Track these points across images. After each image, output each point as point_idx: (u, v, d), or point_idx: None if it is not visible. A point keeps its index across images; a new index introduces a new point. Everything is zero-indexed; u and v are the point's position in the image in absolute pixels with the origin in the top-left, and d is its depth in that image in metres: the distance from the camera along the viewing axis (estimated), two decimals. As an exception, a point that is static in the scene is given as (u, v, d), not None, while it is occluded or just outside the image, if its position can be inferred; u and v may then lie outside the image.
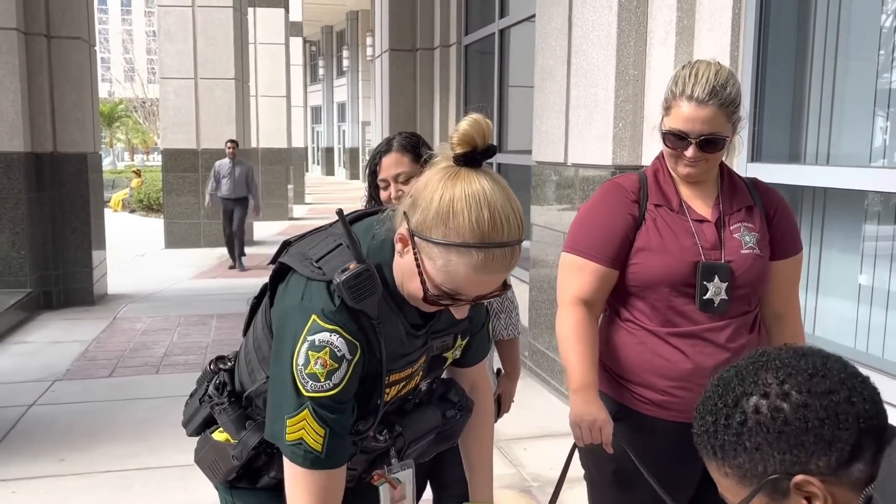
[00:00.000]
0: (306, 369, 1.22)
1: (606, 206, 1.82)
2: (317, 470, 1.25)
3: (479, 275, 1.16)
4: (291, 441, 1.24)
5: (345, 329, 1.22)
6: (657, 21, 3.73)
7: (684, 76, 1.72)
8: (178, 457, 3.62)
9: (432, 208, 1.15)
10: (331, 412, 1.24)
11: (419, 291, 1.21)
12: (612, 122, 3.89)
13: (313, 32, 32.35)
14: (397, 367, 1.32)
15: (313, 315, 1.22)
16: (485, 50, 7.25)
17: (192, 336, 6.05)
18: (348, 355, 1.22)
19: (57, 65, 7.07)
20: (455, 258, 1.15)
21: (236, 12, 11.65)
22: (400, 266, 1.25)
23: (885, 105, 2.92)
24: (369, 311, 1.24)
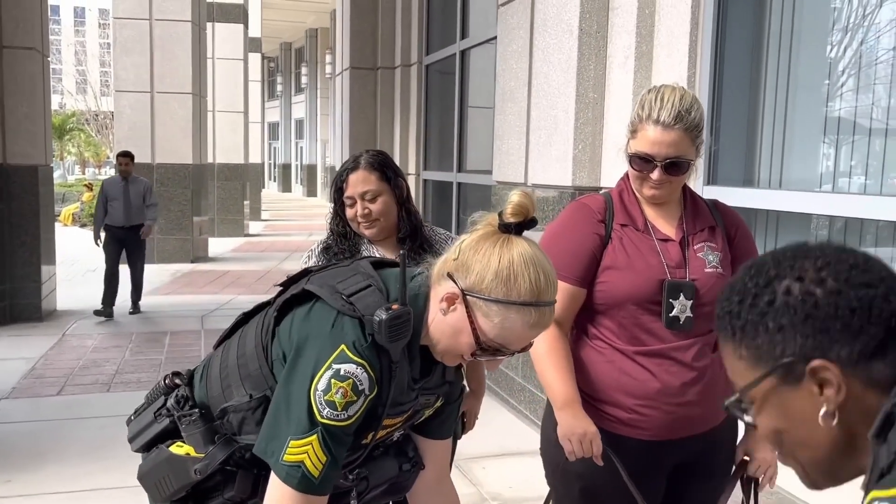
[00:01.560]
0: (325, 396, 1.26)
1: (573, 226, 1.84)
2: (305, 494, 1.27)
3: (531, 330, 1.28)
4: (290, 462, 1.26)
5: (371, 366, 1.27)
6: (616, 46, 3.81)
7: (650, 100, 1.76)
8: (131, 478, 3.53)
9: (490, 270, 1.25)
10: (337, 443, 1.28)
11: (467, 346, 1.30)
12: (571, 144, 3.95)
13: (272, 49, 32.21)
14: (392, 413, 1.36)
15: (343, 345, 1.27)
16: (445, 70, 7.31)
17: (144, 353, 5.93)
18: (367, 391, 1.27)
19: (9, 75, 6.92)
20: (514, 315, 1.26)
21: (195, 27, 11.55)
22: (442, 323, 1.32)
23: (834, 132, 3.03)
24: (394, 353, 1.30)
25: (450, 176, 7.03)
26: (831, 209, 2.91)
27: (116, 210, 7.34)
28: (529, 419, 4.43)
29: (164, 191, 11.21)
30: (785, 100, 3.22)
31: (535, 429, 4.35)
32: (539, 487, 3.61)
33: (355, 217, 2.06)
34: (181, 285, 9.34)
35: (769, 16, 3.32)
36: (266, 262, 11.40)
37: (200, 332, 6.69)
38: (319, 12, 24.31)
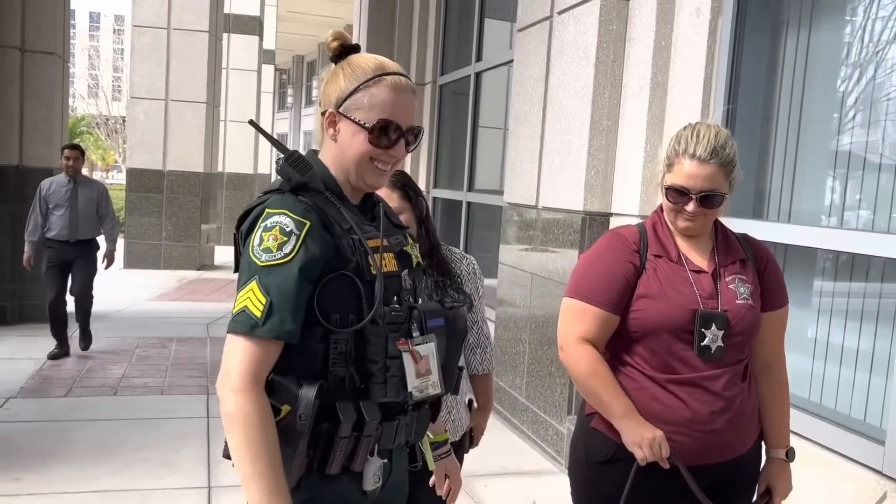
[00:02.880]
0: (260, 246, 1.38)
1: (609, 255, 1.90)
2: (253, 338, 1.34)
3: (398, 94, 1.46)
4: (236, 312, 1.36)
5: (291, 210, 1.39)
6: (632, 75, 3.88)
7: (686, 136, 1.85)
8: (137, 481, 3.58)
9: (341, 79, 1.47)
10: (279, 284, 1.35)
11: (363, 141, 1.45)
12: (584, 170, 4.01)
13: (284, 61, 32.45)
14: (369, 235, 1.46)
15: (266, 210, 1.42)
16: (459, 90, 7.39)
17: (151, 359, 5.97)
18: (296, 230, 1.38)
19: (29, 79, 7.02)
20: (374, 89, 1.45)
21: (211, 37, 11.68)
22: (335, 149, 1.49)
23: (843, 167, 3.08)
24: (316, 184, 1.45)
25: (460, 195, 7.10)
26: (838, 244, 2.96)
27: (60, 220, 5.77)
28: (532, 439, 4.46)
29: (173, 197, 11.31)
30: (797, 134, 3.28)
31: (536, 449, 4.39)
32: None
33: None
34: (187, 292, 9.40)
35: (783, 51, 3.39)
36: (271, 273, 11.44)
37: (206, 339, 6.74)
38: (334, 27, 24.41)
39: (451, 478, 1.95)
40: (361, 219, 1.49)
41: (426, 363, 1.46)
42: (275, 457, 1.33)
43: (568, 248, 4.15)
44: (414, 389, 1.43)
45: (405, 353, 1.42)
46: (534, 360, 4.48)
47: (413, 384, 1.43)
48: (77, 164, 5.94)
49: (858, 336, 2.93)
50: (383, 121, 1.44)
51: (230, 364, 1.35)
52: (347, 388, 1.41)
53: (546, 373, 4.32)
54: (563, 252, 4.21)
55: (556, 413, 4.21)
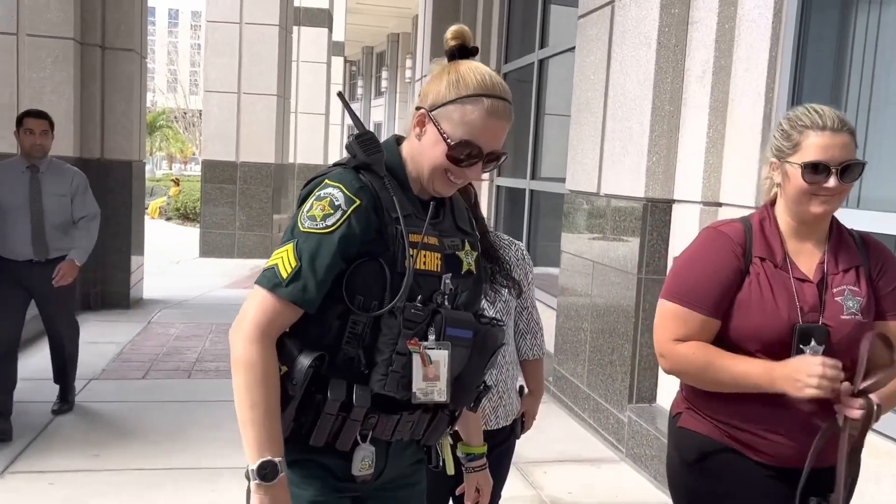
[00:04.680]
0: (308, 213, 1.42)
1: (710, 254, 1.75)
2: (274, 294, 1.38)
3: (490, 119, 1.43)
4: (267, 267, 1.40)
5: (346, 187, 1.42)
6: (695, 59, 3.81)
7: (805, 112, 1.73)
8: (208, 459, 3.73)
9: (443, 84, 1.44)
10: (313, 251, 1.38)
11: (441, 153, 1.44)
12: (645, 156, 3.96)
13: (354, 52, 32.85)
14: (413, 230, 1.44)
15: (325, 181, 1.45)
16: (523, 78, 7.36)
17: (222, 343, 6.18)
18: (344, 206, 1.40)
19: (109, 75, 7.33)
20: (470, 107, 1.42)
21: (282, 30, 11.94)
22: (417, 147, 1.48)
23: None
24: (378, 167, 1.45)
25: (523, 183, 7.08)
26: (911, 230, 2.85)
27: (16, 230, 3.95)
28: (592, 427, 4.45)
29: (246, 188, 11.64)
30: (867, 115, 3.17)
31: (597, 437, 4.38)
32: (598, 494, 3.64)
33: None
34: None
35: (853, 29, 3.27)
36: (340, 261, 11.67)
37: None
38: (402, 17, 24.66)
39: (481, 492, 1.88)
40: (418, 212, 1.47)
41: (435, 369, 1.42)
42: (273, 407, 1.37)
43: (630, 235, 4.11)
44: (418, 391, 1.41)
45: (415, 353, 1.40)
46: (595, 349, 4.46)
47: (418, 385, 1.41)
48: (45, 142, 4.00)
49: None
50: (466, 142, 1.43)
51: (247, 313, 1.39)
52: (354, 369, 1.42)
53: (607, 361, 4.30)
54: (624, 239, 4.17)
55: (617, 401, 4.18)
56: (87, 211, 4.24)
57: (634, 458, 3.98)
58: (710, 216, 3.70)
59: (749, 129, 3.50)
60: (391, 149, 1.52)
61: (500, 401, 2.18)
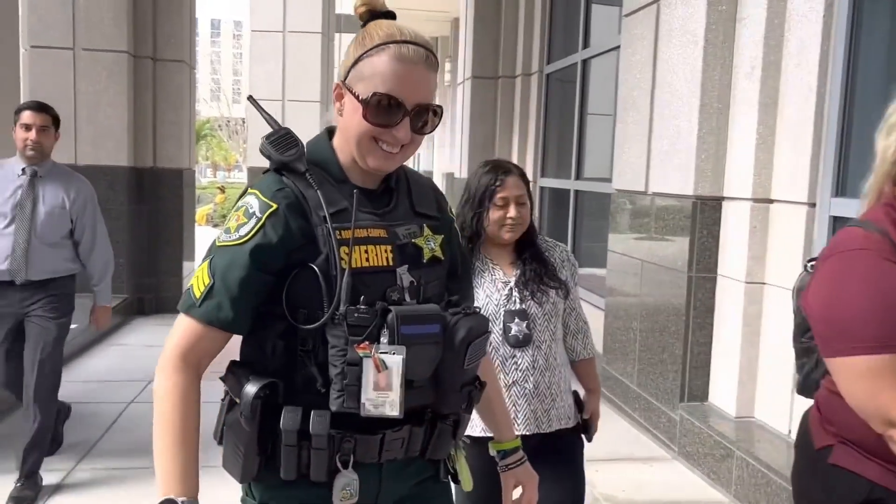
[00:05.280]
0: (225, 226, 1.31)
1: (874, 277, 1.36)
2: (189, 317, 1.28)
3: (401, 64, 1.27)
4: (186, 288, 1.31)
5: (262, 192, 1.30)
6: (743, 56, 3.80)
7: None
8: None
9: (350, 49, 1.33)
10: (227, 266, 1.27)
11: (360, 120, 1.29)
12: (694, 154, 3.96)
13: (393, 57, 33.08)
14: (343, 226, 1.29)
15: (247, 188, 1.35)
16: (565, 79, 7.38)
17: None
18: (258, 213, 1.28)
19: (160, 86, 7.54)
20: (376, 58, 1.28)
21: (324, 38, 12.11)
22: (342, 126, 1.36)
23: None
24: (297, 164, 1.32)
25: (567, 184, 7.09)
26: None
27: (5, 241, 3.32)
28: (643, 426, 4.45)
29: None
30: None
31: (648, 436, 4.37)
32: (651, 492, 3.64)
33: (503, 219, 2.14)
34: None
35: (907, 24, 3.23)
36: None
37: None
38: (440, 21, 24.78)
39: (525, 488, 1.67)
40: (361, 204, 1.32)
41: (387, 377, 1.24)
42: (186, 439, 1.25)
43: (679, 234, 4.11)
44: (367, 402, 1.25)
45: (366, 358, 1.23)
46: (645, 348, 4.46)
47: (367, 396, 1.24)
48: (44, 140, 3.38)
49: None
50: (378, 95, 1.28)
51: (167, 341, 1.29)
52: (314, 390, 1.28)
53: (657, 360, 4.30)
54: (673, 238, 4.17)
55: (669, 400, 4.18)
56: (95, 233, 3.53)
57: (687, 456, 3.97)
58: (762, 213, 3.69)
59: (801, 124, 3.48)
60: (320, 142, 1.40)
61: (553, 403, 2.19)
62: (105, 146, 6.98)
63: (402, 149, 1.33)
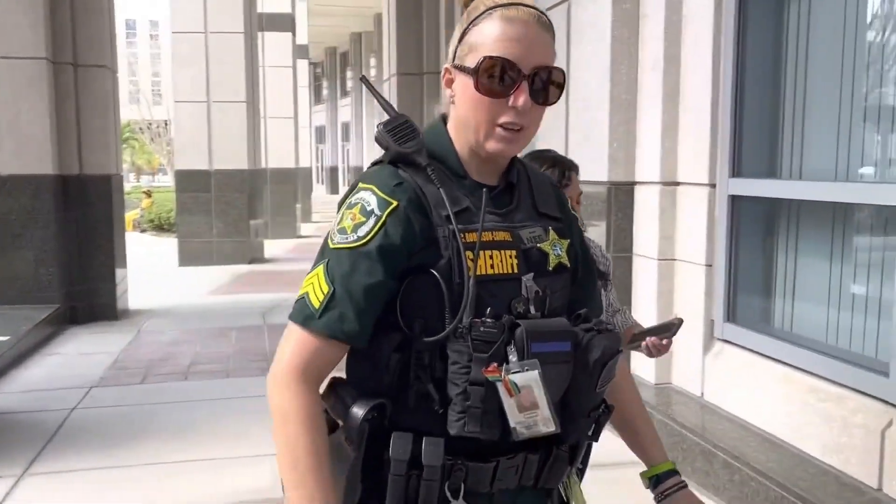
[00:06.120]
0: (338, 225, 1.20)
1: None
2: (308, 330, 1.16)
3: (511, 25, 1.17)
4: (299, 297, 1.19)
5: (379, 187, 1.18)
6: (647, 51, 4.10)
7: None
8: (216, 451, 3.97)
9: (456, 29, 1.25)
10: (346, 271, 1.15)
11: (473, 94, 1.18)
12: (607, 143, 4.25)
13: (317, 54, 32.93)
14: (470, 226, 1.18)
15: (359, 183, 1.23)
16: (488, 73, 7.63)
17: (214, 346, 6.39)
18: (377, 210, 1.16)
19: (83, 92, 7.47)
20: (483, 24, 1.19)
21: (247, 37, 12.09)
22: (455, 114, 1.25)
23: (848, 123, 3.27)
24: (418, 157, 1.20)
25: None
26: (847, 197, 3.16)
27: None
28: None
29: (221, 196, 11.78)
30: (804, 94, 3.48)
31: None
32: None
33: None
34: (241, 285, 9.85)
35: (787, 15, 3.57)
36: (319, 262, 11.88)
37: (263, 326, 7.15)
38: (363, 16, 24.83)
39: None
40: (484, 202, 1.19)
41: (529, 395, 1.12)
42: (320, 461, 1.14)
43: (597, 218, 4.39)
44: (518, 426, 1.14)
45: (496, 383, 1.12)
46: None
47: (516, 420, 1.13)
48: None
49: (867, 281, 3.14)
50: (489, 59, 1.16)
51: (281, 354, 1.18)
52: (429, 410, 1.17)
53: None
54: (592, 222, 4.46)
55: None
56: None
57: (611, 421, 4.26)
58: (670, 195, 4.00)
59: (699, 113, 3.80)
60: (437, 131, 1.27)
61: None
62: (28, 155, 6.89)
63: (523, 130, 1.21)
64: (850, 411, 2.91)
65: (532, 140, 1.28)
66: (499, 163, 1.28)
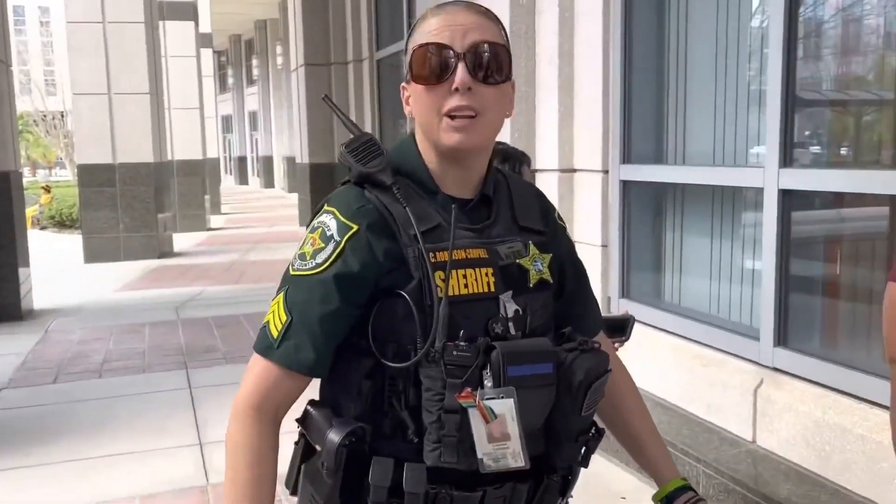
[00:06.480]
0: (300, 250, 1.17)
1: None
2: (267, 360, 1.14)
3: (441, 15, 1.16)
4: (262, 325, 1.17)
5: (341, 211, 1.15)
6: (543, 46, 4.34)
7: None
8: (135, 444, 4.01)
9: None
10: (305, 299, 1.13)
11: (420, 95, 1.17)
12: (508, 134, 4.47)
13: (221, 42, 32.17)
14: (439, 247, 1.13)
15: (324, 205, 1.20)
16: (396, 63, 7.77)
17: (127, 343, 6.33)
18: (336, 236, 1.13)
19: (-25, 86, 7.21)
20: (418, 28, 1.19)
21: (147, 27, 11.79)
22: (417, 124, 1.22)
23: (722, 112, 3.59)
24: (384, 176, 1.16)
25: (404, 163, 7.51)
26: (722, 180, 3.48)
27: None
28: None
29: (126, 190, 11.50)
30: (685, 86, 3.78)
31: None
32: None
33: None
34: (152, 280, 9.69)
35: (668, 13, 3.87)
36: (231, 255, 11.78)
37: (177, 321, 7.11)
38: (268, 3, 24.42)
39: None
40: (454, 217, 1.14)
41: (501, 425, 1.07)
42: (257, 496, 1.13)
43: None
44: (486, 457, 1.08)
45: (470, 409, 1.07)
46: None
47: (484, 450, 1.08)
48: None
49: (742, 255, 3.48)
50: (419, 48, 1.14)
51: (242, 384, 1.17)
52: (404, 438, 1.13)
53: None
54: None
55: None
56: None
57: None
58: (568, 181, 4.27)
59: (592, 103, 4.07)
60: (405, 147, 1.24)
61: None
62: (-81, 153, 6.63)
63: (478, 116, 1.15)
64: (729, 374, 3.23)
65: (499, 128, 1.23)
66: (472, 173, 1.22)
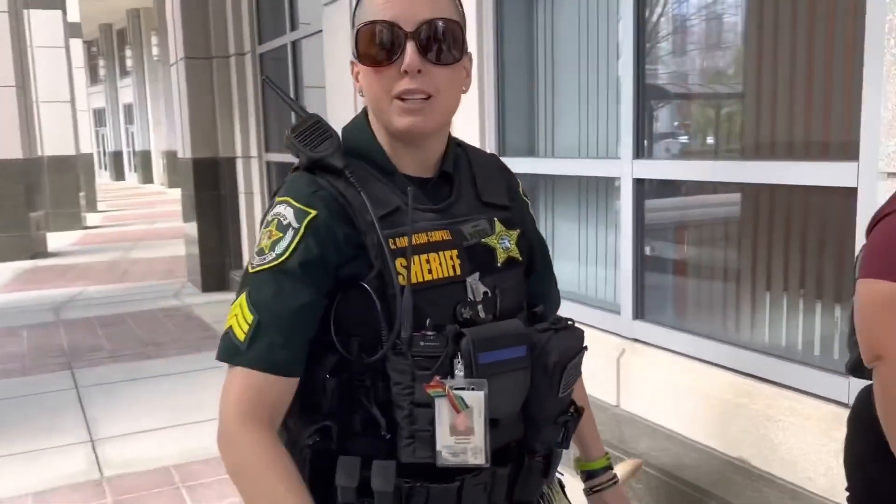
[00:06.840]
0: (257, 247, 1.08)
1: None
2: (237, 367, 1.04)
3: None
4: (224, 332, 1.06)
5: (295, 198, 1.08)
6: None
7: None
8: (26, 445, 3.96)
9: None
10: (266, 293, 1.04)
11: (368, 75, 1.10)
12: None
13: (91, 31, 30.65)
14: (399, 232, 1.07)
15: (276, 196, 1.13)
16: (279, 57, 7.79)
17: (4, 347, 6.12)
18: (294, 223, 1.05)
19: None
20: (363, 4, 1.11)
21: (11, 16, 11.23)
22: (367, 103, 1.16)
23: (585, 108, 3.92)
24: (335, 160, 1.09)
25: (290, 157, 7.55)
26: (585, 171, 3.81)
27: None
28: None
29: (-6, 189, 10.96)
30: (552, 83, 4.10)
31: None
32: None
33: None
34: (26, 282, 9.30)
35: (536, 13, 4.17)
36: (111, 253, 11.41)
37: (58, 322, 6.91)
38: (141, -7, 23.55)
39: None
40: (410, 199, 1.07)
41: (466, 419, 1.02)
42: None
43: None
44: (444, 450, 1.02)
45: (438, 398, 1.01)
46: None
47: (444, 443, 1.02)
48: None
49: (605, 239, 3.83)
50: (364, 26, 1.07)
51: (223, 402, 1.04)
52: (376, 435, 1.06)
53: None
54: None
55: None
56: None
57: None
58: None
59: (468, 101, 4.31)
60: (358, 127, 1.17)
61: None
62: None
63: (432, 98, 1.08)
64: (597, 345, 3.56)
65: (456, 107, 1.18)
66: (430, 153, 1.16)
